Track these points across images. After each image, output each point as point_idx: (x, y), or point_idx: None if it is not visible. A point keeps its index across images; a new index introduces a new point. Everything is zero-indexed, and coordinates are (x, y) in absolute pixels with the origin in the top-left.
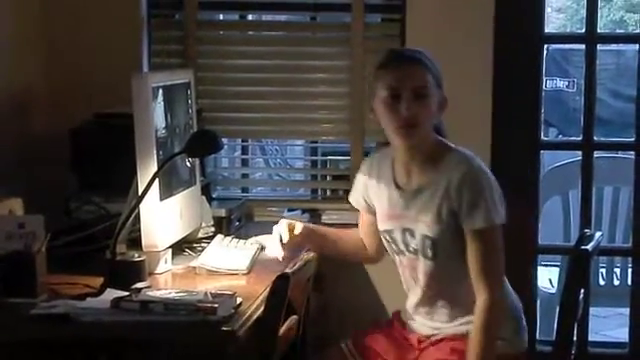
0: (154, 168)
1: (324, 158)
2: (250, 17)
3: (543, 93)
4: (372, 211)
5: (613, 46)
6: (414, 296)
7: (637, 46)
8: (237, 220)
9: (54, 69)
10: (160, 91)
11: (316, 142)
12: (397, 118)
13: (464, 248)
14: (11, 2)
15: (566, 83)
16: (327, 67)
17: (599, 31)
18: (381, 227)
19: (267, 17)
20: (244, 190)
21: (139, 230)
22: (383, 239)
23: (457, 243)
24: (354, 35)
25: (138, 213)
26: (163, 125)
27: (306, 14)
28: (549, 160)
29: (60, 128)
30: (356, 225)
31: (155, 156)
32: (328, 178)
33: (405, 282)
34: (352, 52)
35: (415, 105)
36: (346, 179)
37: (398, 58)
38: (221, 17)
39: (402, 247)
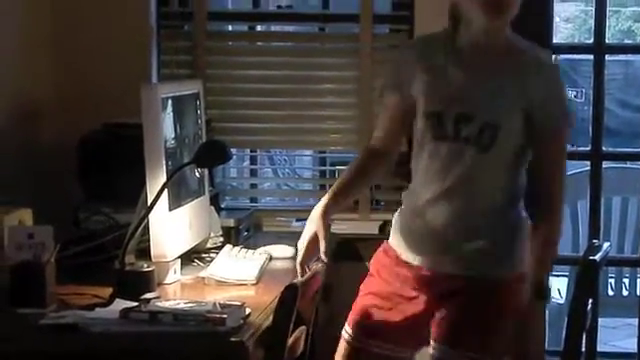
0: (163, 178)
1: (332, 168)
2: (259, 28)
3: None
4: (410, 101)
5: (621, 56)
6: (432, 192)
7: None
8: (246, 230)
9: (63, 78)
10: (169, 102)
11: (324, 152)
12: (491, 2)
13: (520, 148)
14: (21, 11)
15: (574, 93)
16: (335, 78)
17: (607, 41)
18: (429, 108)
19: (276, 28)
20: (253, 200)
21: (148, 240)
22: (425, 122)
23: (518, 140)
24: (362, 46)
25: (147, 223)
26: (172, 135)
27: (315, 25)
28: None
29: (69, 138)
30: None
31: (164, 166)
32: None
33: (426, 175)
34: (360, 63)
35: None
36: None
37: None
38: (230, 28)
39: (450, 133)
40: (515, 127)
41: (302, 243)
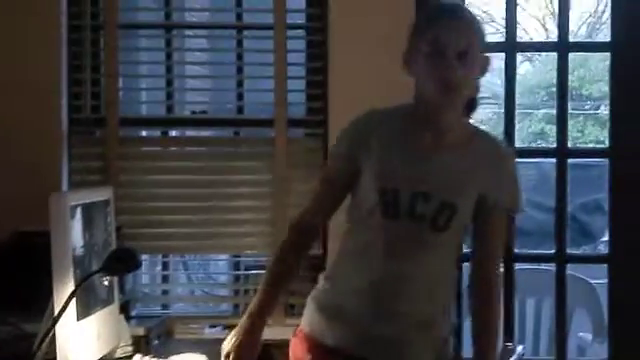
0: (71, 287)
1: (247, 272)
2: (173, 133)
3: None
4: (356, 174)
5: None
6: (379, 273)
7: (554, 160)
8: (156, 338)
9: None
10: (78, 209)
11: (239, 256)
12: (438, 76)
13: (464, 231)
14: None
15: None
16: (250, 181)
17: (518, 145)
18: (382, 185)
19: (190, 132)
20: (165, 307)
21: (55, 351)
22: (376, 197)
23: (468, 220)
24: (277, 150)
25: (54, 333)
26: (81, 243)
27: (230, 129)
28: None
29: None
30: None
31: (72, 275)
32: (252, 293)
33: (368, 254)
34: (275, 166)
35: (458, 66)
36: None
37: (446, 13)
38: (144, 133)
39: (404, 210)
40: (468, 209)
41: (233, 348)
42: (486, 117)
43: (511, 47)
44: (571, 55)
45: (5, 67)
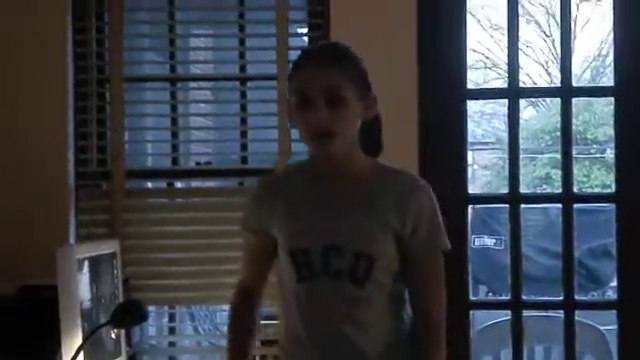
0: (79, 340)
1: None
2: (178, 184)
3: (470, 252)
4: (270, 240)
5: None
6: (306, 341)
7: (560, 205)
8: None
9: None
10: (86, 263)
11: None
12: (309, 126)
13: (400, 277)
14: None
15: (494, 241)
16: None
17: (523, 191)
18: (292, 246)
19: (195, 183)
20: (172, 359)
21: None
22: (288, 261)
23: (393, 267)
24: None
25: None
26: (88, 297)
27: (234, 179)
28: (481, 318)
29: None
30: None
31: (80, 328)
32: (257, 344)
33: (294, 321)
34: None
35: (328, 111)
36: (275, 343)
37: (307, 57)
38: (149, 185)
39: (318, 269)
40: (389, 253)
41: None
42: (490, 162)
43: (514, 93)
44: (575, 99)
45: (11, 121)
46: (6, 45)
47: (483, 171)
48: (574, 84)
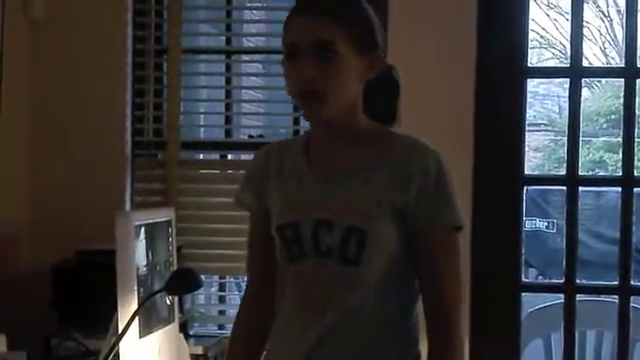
0: (134, 305)
1: None
2: (230, 156)
3: (523, 234)
4: (266, 214)
5: (593, 187)
6: (300, 330)
7: (619, 188)
8: (214, 358)
9: (38, 206)
10: (142, 229)
11: None
12: (294, 81)
13: (398, 259)
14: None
15: (545, 224)
16: None
17: (580, 173)
18: (281, 221)
19: (246, 156)
20: (221, 327)
21: None
22: (280, 240)
23: (392, 247)
24: None
25: (118, 350)
26: (144, 263)
27: None
28: (530, 302)
29: (43, 265)
30: None
31: (136, 294)
32: None
33: (290, 306)
34: None
35: (316, 65)
36: None
37: (299, 5)
38: (201, 156)
39: (308, 247)
40: (387, 233)
41: None
42: (542, 144)
43: (576, 73)
44: (638, 81)
45: (73, 90)
46: (68, 13)
47: (534, 153)
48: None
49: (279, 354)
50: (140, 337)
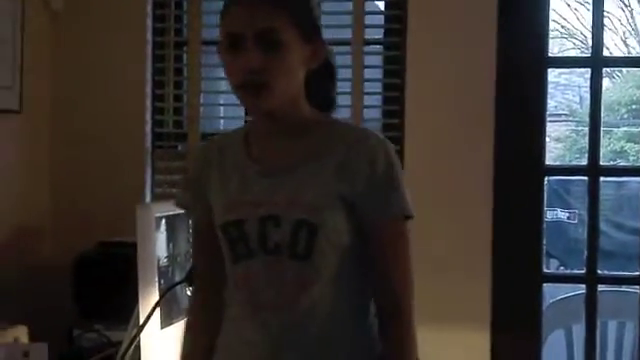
0: (155, 297)
1: None
2: None
3: (544, 225)
4: (209, 214)
5: (615, 177)
6: (256, 331)
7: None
8: None
9: (60, 198)
10: (163, 221)
11: None
12: (238, 73)
13: (351, 252)
14: (20, 134)
15: (567, 215)
16: None
17: (601, 163)
18: (226, 219)
19: None
20: None
21: (139, 358)
22: (224, 239)
23: (344, 239)
24: None
25: (139, 342)
26: (165, 254)
27: None
28: (551, 293)
29: (65, 256)
30: None
31: (157, 285)
32: None
33: (241, 307)
34: None
35: (261, 55)
36: None
37: None
38: None
39: (255, 245)
40: (337, 222)
41: None
42: (563, 135)
43: (597, 62)
44: None
45: (93, 83)
46: (87, 6)
47: (555, 143)
48: None
49: (236, 358)
50: (161, 328)
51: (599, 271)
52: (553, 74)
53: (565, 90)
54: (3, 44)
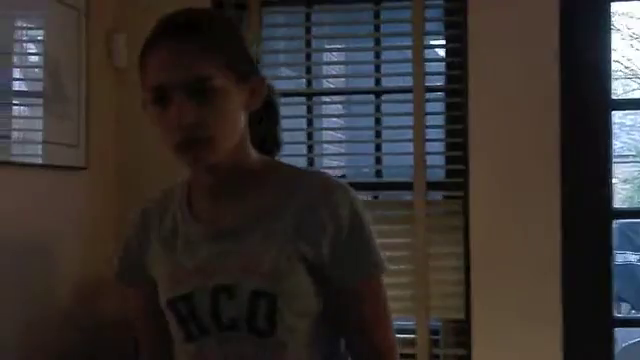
0: None
1: None
2: None
3: (614, 268)
4: (153, 288)
5: None
6: None
7: None
8: None
9: None
10: None
11: None
12: (170, 132)
13: (320, 317)
14: (86, 192)
15: (637, 257)
16: (389, 245)
17: None
18: (171, 294)
19: None
20: None
21: None
22: (171, 317)
23: (311, 306)
24: (416, 213)
25: None
26: None
27: (368, 193)
28: (623, 337)
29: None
30: None
31: None
32: None
33: None
34: (414, 230)
35: (194, 107)
36: (411, 357)
37: (158, 36)
38: None
39: (208, 322)
40: (301, 289)
41: None
42: (630, 176)
43: None
44: None
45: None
46: None
47: (622, 185)
48: None
49: None
50: None
51: None
52: (618, 115)
53: (631, 130)
54: (69, 102)
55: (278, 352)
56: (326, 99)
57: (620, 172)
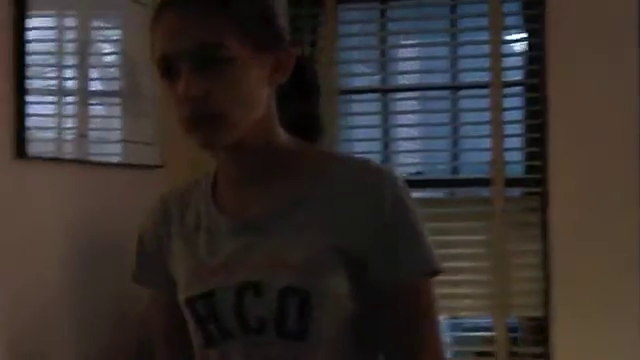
0: None
1: (466, 334)
2: None
3: None
4: (174, 288)
5: None
6: None
7: None
8: None
9: None
10: None
11: (457, 318)
12: (179, 108)
13: (357, 319)
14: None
15: None
16: (467, 242)
17: None
18: (190, 292)
19: None
20: None
21: None
22: (191, 318)
23: (347, 306)
24: (495, 210)
25: None
26: None
27: (444, 190)
28: None
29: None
30: None
31: None
32: (471, 355)
33: None
34: (493, 226)
35: (204, 81)
36: (490, 355)
37: (167, 4)
38: None
39: (232, 324)
40: (336, 287)
41: None
42: None
43: None
44: None
45: None
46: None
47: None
48: None
49: None
50: None
51: None
52: None
53: None
54: (145, 100)
55: (308, 358)
56: (401, 95)
57: None
